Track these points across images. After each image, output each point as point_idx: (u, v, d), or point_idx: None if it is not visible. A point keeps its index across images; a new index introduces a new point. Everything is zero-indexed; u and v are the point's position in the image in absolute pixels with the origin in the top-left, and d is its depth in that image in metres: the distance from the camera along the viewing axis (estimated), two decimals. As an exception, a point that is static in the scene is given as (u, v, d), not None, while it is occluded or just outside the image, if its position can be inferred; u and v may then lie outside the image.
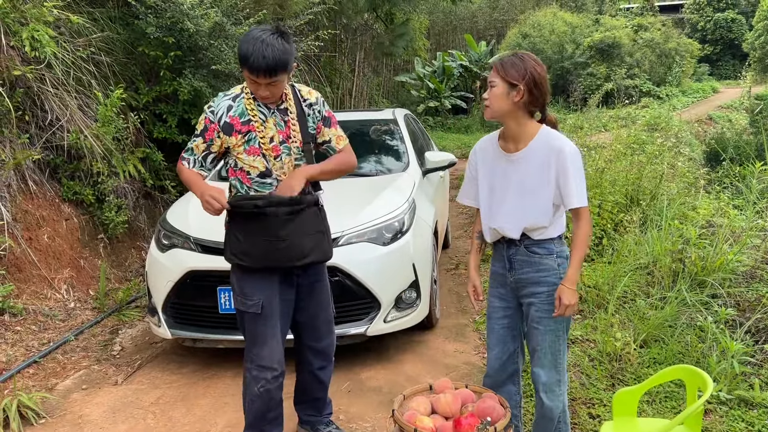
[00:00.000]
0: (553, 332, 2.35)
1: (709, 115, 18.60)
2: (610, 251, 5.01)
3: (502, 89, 2.25)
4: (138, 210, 6.14)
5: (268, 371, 2.64)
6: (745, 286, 4.17)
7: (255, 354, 2.66)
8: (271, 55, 2.35)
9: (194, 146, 2.61)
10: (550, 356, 2.37)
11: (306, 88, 2.74)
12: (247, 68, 2.38)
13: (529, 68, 2.24)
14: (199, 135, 2.59)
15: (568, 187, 2.21)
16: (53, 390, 3.71)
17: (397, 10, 14.33)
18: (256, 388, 2.65)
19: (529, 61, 2.26)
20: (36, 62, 4.97)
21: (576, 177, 2.21)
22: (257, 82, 2.43)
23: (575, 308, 2.26)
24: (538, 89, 2.25)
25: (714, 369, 3.20)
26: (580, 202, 2.21)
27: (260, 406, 2.69)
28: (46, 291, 4.77)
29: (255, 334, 2.66)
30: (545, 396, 2.39)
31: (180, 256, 3.81)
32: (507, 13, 26.23)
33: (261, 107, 2.57)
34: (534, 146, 2.28)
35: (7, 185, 4.68)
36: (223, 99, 2.58)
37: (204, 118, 2.57)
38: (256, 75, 2.39)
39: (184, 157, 2.64)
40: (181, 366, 3.98)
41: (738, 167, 8.50)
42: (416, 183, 4.57)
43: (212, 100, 2.63)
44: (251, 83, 2.46)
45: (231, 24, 6.48)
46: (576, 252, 2.25)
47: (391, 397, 3.47)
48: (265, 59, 2.34)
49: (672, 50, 23.31)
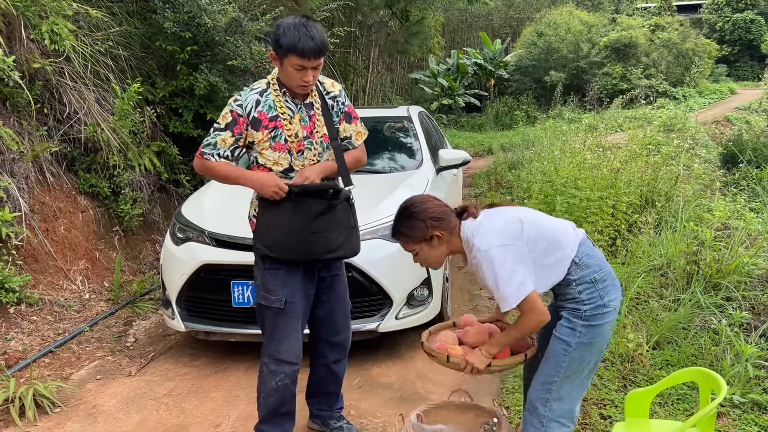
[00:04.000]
0: (562, 342, 2.19)
1: (727, 117, 18.38)
2: (623, 252, 4.98)
3: (424, 249, 2.24)
4: (153, 203, 6.19)
5: (287, 365, 2.65)
6: (760, 289, 4.13)
7: (274, 348, 2.66)
8: (317, 35, 2.39)
9: (219, 140, 2.53)
10: (544, 375, 2.23)
11: (328, 81, 2.73)
12: (297, 53, 2.36)
13: (425, 216, 2.20)
14: (224, 129, 2.53)
15: (495, 295, 2.12)
16: (68, 380, 3.75)
17: (412, 8, 14.31)
18: (273, 382, 2.65)
19: (417, 210, 2.22)
20: (55, 55, 5.03)
21: (494, 284, 2.08)
22: (305, 67, 2.41)
23: (476, 372, 2.19)
24: (444, 218, 2.21)
25: (728, 372, 3.18)
26: (508, 305, 2.08)
27: (276, 401, 2.69)
28: (62, 282, 4.83)
29: (275, 329, 2.66)
30: (526, 413, 2.31)
31: (194, 249, 3.84)
32: (523, 11, 26.10)
33: (289, 102, 2.56)
34: (468, 258, 2.23)
35: (25, 177, 4.74)
36: (250, 93, 2.55)
37: (230, 111, 2.53)
38: (308, 57, 2.38)
39: (207, 153, 2.55)
40: (193, 358, 4.02)
41: (755, 170, 8.42)
42: (430, 181, 4.57)
43: (237, 94, 2.59)
44: (296, 71, 2.42)
45: (248, 20, 6.51)
46: (507, 332, 2.24)
47: (402, 393, 3.48)
48: (314, 40, 2.37)
49: (689, 51, 23.06)
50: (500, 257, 2.08)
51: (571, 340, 2.17)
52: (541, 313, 2.10)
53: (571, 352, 2.17)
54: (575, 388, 2.23)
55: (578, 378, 2.22)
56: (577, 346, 2.16)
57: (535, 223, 2.20)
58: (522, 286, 2.06)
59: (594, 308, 2.16)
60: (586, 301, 2.16)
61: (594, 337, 2.17)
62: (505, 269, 2.06)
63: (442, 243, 2.23)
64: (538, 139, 11.62)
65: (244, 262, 3.44)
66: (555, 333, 2.23)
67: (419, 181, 4.52)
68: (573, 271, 2.17)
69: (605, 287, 2.19)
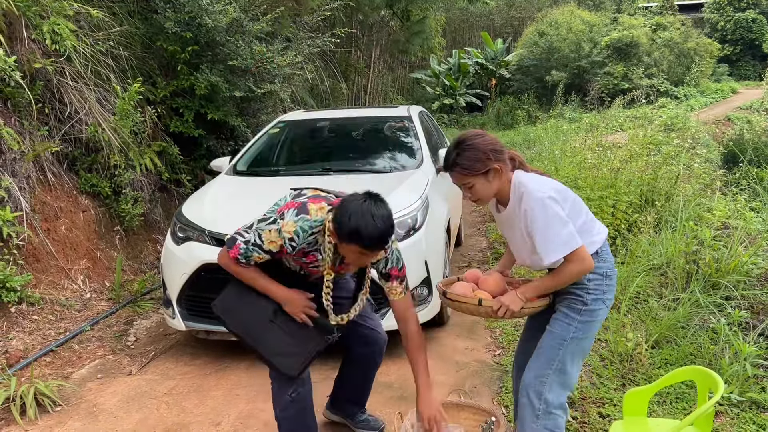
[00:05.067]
0: (557, 337, 2.25)
1: (728, 116, 18.38)
2: (623, 251, 4.99)
3: (481, 182, 2.20)
4: (153, 203, 6.21)
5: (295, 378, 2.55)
6: (759, 288, 4.13)
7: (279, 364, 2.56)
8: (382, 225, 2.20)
9: (255, 257, 2.40)
10: (543, 361, 2.26)
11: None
12: (362, 245, 2.21)
13: (485, 147, 2.18)
14: (265, 252, 2.38)
15: (539, 246, 2.14)
16: (69, 378, 3.77)
17: (413, 8, 14.33)
18: (287, 394, 2.56)
19: (477, 142, 2.19)
20: (56, 55, 5.04)
21: (543, 233, 2.11)
22: (366, 254, 2.28)
23: (509, 314, 2.20)
24: (502, 152, 2.21)
25: (726, 371, 3.19)
26: (554, 256, 2.11)
27: (294, 413, 2.60)
28: (63, 281, 4.85)
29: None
30: (521, 408, 2.30)
31: (195, 249, 3.86)
32: (524, 10, 26.12)
33: (333, 252, 2.40)
34: (511, 205, 2.25)
35: (26, 176, 4.75)
36: (310, 236, 2.37)
37: (281, 244, 2.36)
38: (372, 250, 2.25)
39: (241, 262, 2.41)
40: (194, 358, 4.03)
41: (756, 169, 8.42)
42: (430, 180, 4.58)
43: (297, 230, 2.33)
44: (357, 256, 2.29)
45: (248, 20, 6.52)
46: (549, 278, 2.20)
47: (401, 392, 3.49)
48: (377, 229, 2.18)
49: (691, 50, 23.05)
50: (555, 207, 2.11)
51: (566, 335, 2.24)
52: (590, 265, 2.14)
53: (565, 346, 2.24)
54: (568, 378, 2.29)
55: (571, 369, 2.28)
56: (572, 341, 2.24)
57: (578, 199, 2.28)
58: (573, 237, 2.10)
59: (595, 300, 2.24)
60: (591, 291, 2.23)
61: (587, 332, 2.26)
62: (559, 219, 2.10)
63: (497, 178, 2.20)
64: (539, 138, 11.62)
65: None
66: (549, 328, 2.29)
67: (419, 180, 4.53)
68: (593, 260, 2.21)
69: (610, 285, 2.28)
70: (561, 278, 2.17)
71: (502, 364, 3.78)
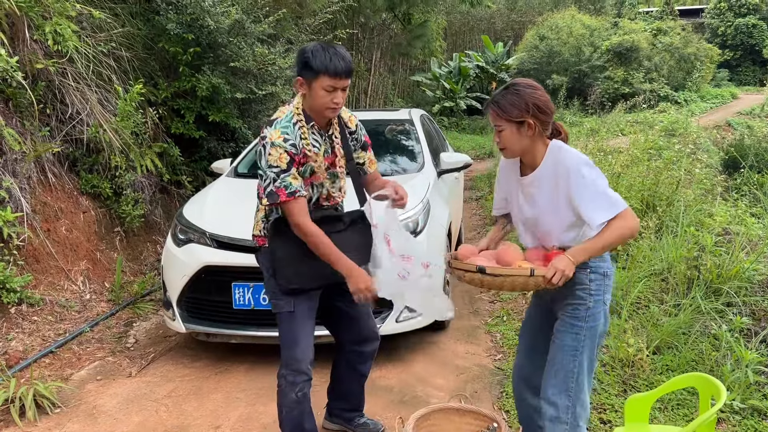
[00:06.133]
0: (570, 350, 2.18)
1: (728, 121, 18.40)
2: (624, 257, 4.98)
3: (511, 130, 2.15)
4: (154, 204, 6.20)
5: (302, 374, 2.59)
6: (761, 295, 4.13)
7: (289, 356, 2.60)
8: (346, 56, 2.41)
9: (291, 179, 2.41)
10: (562, 376, 2.18)
11: (346, 114, 2.71)
12: (329, 73, 2.35)
13: (529, 99, 2.12)
14: (287, 170, 2.41)
15: (584, 207, 2.06)
16: (68, 380, 3.76)
17: (415, 11, 14.33)
18: (294, 393, 2.58)
19: (526, 91, 2.14)
20: (58, 56, 5.03)
21: (589, 192, 2.06)
22: (336, 88, 2.39)
23: (564, 280, 2.04)
24: (546, 113, 2.15)
25: (728, 378, 3.18)
26: (604, 216, 2.04)
27: (299, 414, 2.63)
28: (63, 282, 4.84)
29: (288, 334, 2.61)
30: (548, 424, 2.21)
31: (195, 251, 3.85)
32: (525, 14, 26.13)
33: (315, 135, 2.52)
34: (542, 169, 2.18)
35: (27, 177, 4.74)
36: (295, 128, 2.45)
37: (285, 151, 2.40)
38: (340, 77, 2.37)
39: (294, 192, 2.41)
40: (194, 360, 4.02)
41: (757, 175, 8.42)
42: (431, 184, 4.58)
43: (281, 129, 2.43)
44: (327, 93, 2.40)
45: (250, 22, 6.52)
46: (596, 239, 2.06)
47: (402, 397, 3.48)
48: (344, 59, 2.38)
49: (691, 55, 23.08)
50: (593, 175, 2.08)
51: (578, 345, 2.18)
52: (637, 226, 2.08)
53: (579, 356, 2.19)
54: (587, 388, 2.25)
55: (588, 379, 2.24)
56: (584, 349, 2.19)
57: None
58: (619, 198, 2.06)
59: (596, 302, 2.19)
60: (593, 292, 2.18)
61: (594, 336, 2.21)
62: (596, 186, 2.06)
63: (529, 135, 2.14)
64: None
65: (245, 263, 3.44)
66: (559, 342, 2.21)
67: (421, 184, 4.52)
68: (594, 258, 2.16)
69: (608, 286, 2.23)
70: (610, 237, 2.05)
71: (502, 368, 3.77)
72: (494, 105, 2.17)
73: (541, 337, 2.35)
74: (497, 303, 4.91)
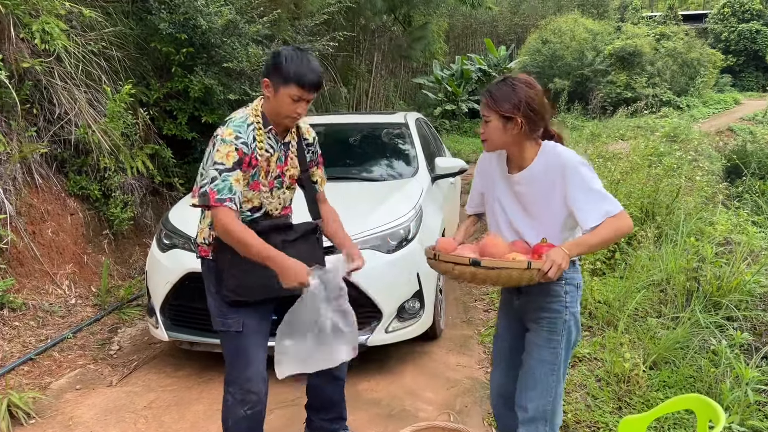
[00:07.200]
0: (548, 364, 2.16)
1: (730, 127, 18.27)
2: (622, 266, 4.87)
3: (497, 123, 2.09)
4: (145, 206, 6.10)
5: (254, 394, 2.50)
6: (762, 308, 4.01)
7: (238, 376, 2.51)
8: (317, 69, 2.32)
9: (233, 181, 2.24)
10: (541, 390, 2.17)
11: (304, 125, 2.63)
12: (300, 84, 2.27)
13: (523, 96, 2.05)
14: (232, 168, 2.25)
15: (579, 208, 2.01)
16: (47, 389, 3.64)
17: (415, 13, 14.23)
18: (242, 410, 2.50)
19: (521, 88, 2.07)
20: (46, 55, 4.93)
21: (586, 192, 2.01)
22: (301, 99, 2.31)
23: (561, 272, 1.93)
24: (537, 114, 2.07)
25: (727, 397, 3.05)
26: (599, 218, 1.98)
27: (245, 428, 2.56)
28: (48, 286, 4.73)
29: (238, 354, 2.51)
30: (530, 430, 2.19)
31: (180, 256, 3.74)
32: (528, 18, 26.05)
33: (270, 140, 2.42)
34: (535, 168, 2.12)
35: (12, 178, 4.64)
36: (248, 129, 2.34)
37: (235, 149, 2.27)
38: (309, 90, 2.30)
39: (225, 199, 2.21)
40: (177, 369, 3.91)
41: (759, 182, 8.29)
42: (424, 189, 4.47)
43: (233, 127, 2.32)
44: (291, 102, 2.31)
45: (244, 22, 6.42)
46: (592, 234, 1.99)
47: (389, 410, 3.36)
48: (315, 73, 2.29)
49: (694, 60, 22.98)
50: (590, 175, 2.03)
51: (555, 359, 2.18)
52: (631, 226, 2.04)
53: (557, 370, 2.19)
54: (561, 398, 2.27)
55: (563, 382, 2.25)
56: (561, 362, 2.20)
57: None
58: (615, 201, 2.02)
59: (571, 314, 2.18)
60: (568, 304, 2.17)
61: (569, 347, 2.22)
62: (592, 186, 2.02)
63: (514, 132, 2.08)
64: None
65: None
66: (537, 356, 2.19)
67: (414, 189, 4.42)
68: (570, 269, 2.12)
69: (579, 296, 2.23)
70: (605, 233, 1.98)
71: (494, 382, 3.65)
72: (487, 94, 2.12)
73: (517, 353, 2.31)
74: (491, 312, 4.79)
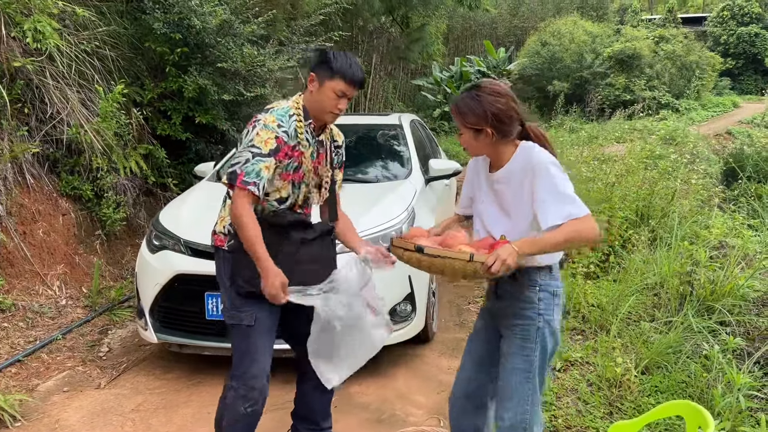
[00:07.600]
0: (522, 372, 2.13)
1: (729, 130, 18.26)
2: (616, 269, 4.84)
3: (468, 136, 2.10)
4: (138, 207, 6.06)
5: (257, 391, 2.46)
6: (755, 313, 3.98)
7: (245, 372, 2.47)
8: (361, 67, 2.43)
9: (263, 167, 2.29)
10: (517, 400, 2.14)
11: (336, 129, 2.71)
12: (346, 78, 2.35)
13: (488, 108, 2.03)
14: (268, 155, 2.30)
15: (541, 207, 1.98)
16: (34, 391, 3.61)
17: (413, 14, 14.22)
18: (243, 407, 2.46)
19: (485, 99, 2.05)
20: (38, 54, 4.90)
21: (551, 193, 1.96)
22: (345, 94, 2.38)
23: (505, 269, 1.87)
24: (505, 122, 2.06)
25: (718, 403, 3.02)
26: (559, 219, 1.93)
27: (242, 427, 2.52)
28: (38, 287, 4.70)
29: (248, 349, 2.48)
30: None
31: (169, 258, 3.71)
32: (527, 20, 26.02)
33: (308, 133, 2.46)
34: (510, 167, 2.11)
35: (3, 178, 4.61)
36: (290, 119, 2.39)
37: (275, 136, 2.32)
38: (354, 85, 2.38)
39: (250, 182, 2.26)
40: (166, 371, 3.88)
41: (756, 185, 8.27)
42: (417, 191, 4.44)
43: (276, 115, 2.37)
44: (335, 97, 2.37)
45: (239, 22, 6.39)
46: (549, 234, 1.94)
47: (379, 415, 3.33)
48: (361, 71, 2.40)
49: (693, 63, 22.95)
50: (557, 177, 1.99)
51: (530, 367, 2.14)
52: (596, 233, 1.96)
53: (532, 379, 2.16)
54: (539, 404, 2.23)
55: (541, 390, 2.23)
56: (536, 370, 2.16)
57: None
58: (582, 204, 1.97)
59: (546, 322, 2.14)
60: (542, 311, 2.13)
61: (545, 356, 2.19)
62: (570, 186, 1.99)
63: (486, 141, 2.08)
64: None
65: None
66: (511, 365, 2.15)
67: (407, 191, 4.39)
68: (544, 276, 2.12)
69: (557, 305, 2.18)
70: (564, 235, 1.92)
71: (485, 386, 3.62)
72: (454, 107, 2.12)
73: (489, 350, 2.29)
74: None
